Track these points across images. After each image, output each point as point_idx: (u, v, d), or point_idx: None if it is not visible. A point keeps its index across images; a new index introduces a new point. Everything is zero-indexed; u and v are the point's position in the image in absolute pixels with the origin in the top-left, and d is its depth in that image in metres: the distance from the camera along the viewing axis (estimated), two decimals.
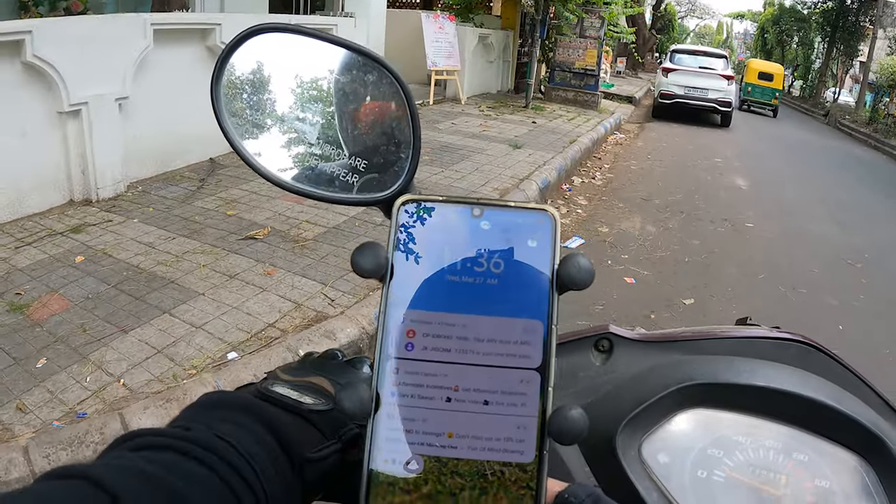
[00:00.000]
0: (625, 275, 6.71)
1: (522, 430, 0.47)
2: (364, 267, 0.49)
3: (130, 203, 6.33)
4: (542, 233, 0.50)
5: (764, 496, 0.82)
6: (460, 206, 0.51)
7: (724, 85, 20.15)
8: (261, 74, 0.73)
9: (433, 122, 11.91)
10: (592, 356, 0.93)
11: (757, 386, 0.85)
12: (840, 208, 11.36)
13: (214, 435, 0.57)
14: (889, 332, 6.30)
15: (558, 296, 0.49)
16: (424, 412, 0.48)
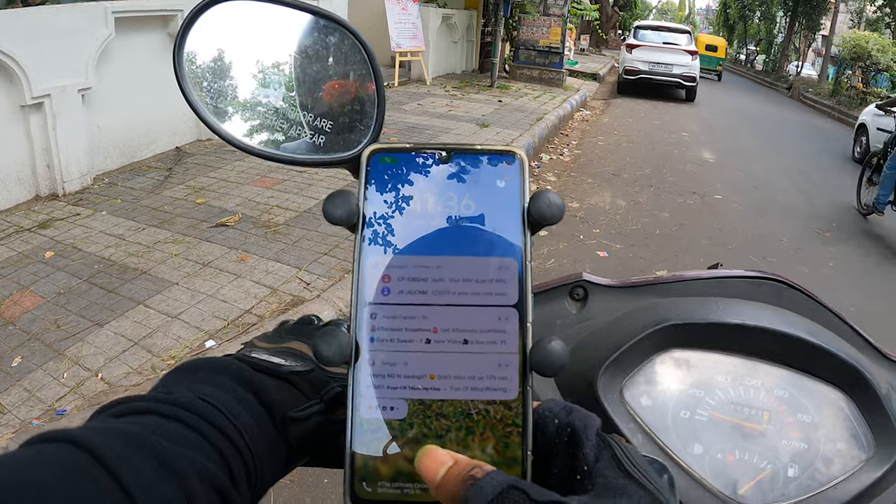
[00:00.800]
0: (597, 249, 6.76)
1: (504, 367, 0.47)
2: (335, 215, 0.49)
3: (98, 196, 6.26)
4: (511, 173, 0.50)
5: (747, 432, 0.84)
6: (427, 151, 0.51)
7: (688, 60, 20.23)
8: (223, 43, 0.73)
9: (399, 104, 11.89)
10: (568, 304, 0.94)
11: (732, 323, 0.86)
12: (806, 179, 11.49)
13: (196, 397, 0.57)
14: (860, 297, 6.39)
15: (530, 233, 0.49)
16: (404, 356, 0.48)
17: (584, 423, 0.47)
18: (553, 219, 0.48)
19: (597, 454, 0.45)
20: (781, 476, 0.82)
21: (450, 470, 0.43)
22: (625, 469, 0.44)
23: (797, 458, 0.83)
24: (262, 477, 0.59)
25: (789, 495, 0.81)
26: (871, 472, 0.82)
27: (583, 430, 0.46)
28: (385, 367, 0.48)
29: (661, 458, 0.80)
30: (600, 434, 0.47)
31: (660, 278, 0.96)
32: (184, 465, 0.50)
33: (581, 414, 0.48)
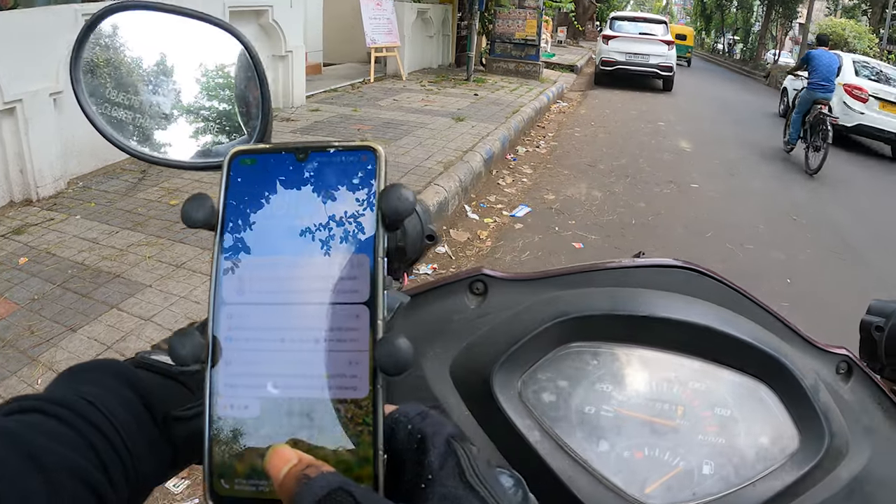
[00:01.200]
0: (573, 240, 6.77)
1: (354, 365, 0.47)
2: (194, 217, 0.50)
3: (72, 200, 6.21)
4: (367, 169, 0.50)
5: (657, 428, 0.81)
6: (286, 152, 0.52)
7: (664, 50, 20.30)
8: (118, 52, 0.75)
9: (374, 100, 11.86)
10: (467, 299, 0.91)
11: (636, 315, 0.84)
12: (783, 166, 11.52)
13: (79, 396, 0.58)
14: (836, 281, 6.45)
15: (384, 229, 0.49)
16: (258, 355, 0.49)
17: (434, 429, 0.47)
18: (404, 213, 0.48)
19: (441, 462, 0.45)
20: (695, 474, 0.79)
21: (291, 468, 0.44)
22: (466, 479, 0.44)
23: (713, 455, 0.80)
24: (141, 475, 0.59)
25: (703, 494, 0.79)
26: (796, 469, 0.79)
27: (431, 437, 0.46)
28: (240, 366, 0.49)
29: (559, 456, 0.78)
30: (450, 442, 0.46)
31: (562, 270, 0.93)
32: (53, 460, 0.51)
33: (433, 420, 0.48)
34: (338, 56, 16.00)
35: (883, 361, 1.05)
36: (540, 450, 0.78)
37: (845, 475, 0.82)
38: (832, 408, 0.83)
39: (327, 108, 10.66)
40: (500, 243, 6.52)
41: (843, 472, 0.82)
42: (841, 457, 0.82)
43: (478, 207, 7.47)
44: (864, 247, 7.67)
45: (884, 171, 13.01)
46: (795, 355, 0.85)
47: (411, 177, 7.24)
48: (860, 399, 0.89)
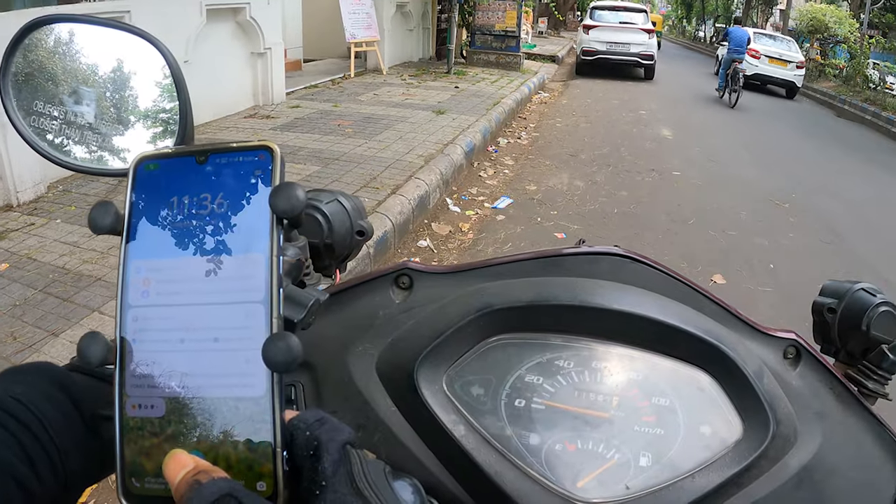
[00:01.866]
0: (555, 230, 6.78)
1: (251, 363, 0.48)
2: (100, 224, 0.51)
3: (52, 204, 6.17)
4: (263, 168, 0.51)
5: (591, 420, 0.79)
6: (186, 155, 0.53)
7: (645, 38, 20.37)
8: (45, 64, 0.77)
9: (355, 95, 11.82)
10: (393, 294, 0.90)
11: (564, 304, 0.81)
12: (764, 152, 11.63)
13: (7, 395, 0.59)
14: (819, 267, 6.48)
15: (280, 227, 0.50)
16: (161, 355, 0.50)
17: (330, 435, 0.48)
18: (292, 210, 0.49)
19: (335, 469, 0.46)
20: (631, 466, 0.76)
21: (186, 474, 0.45)
22: (356, 486, 0.45)
23: (651, 446, 0.77)
24: (70, 472, 0.60)
25: (638, 487, 0.76)
26: (739, 459, 0.76)
27: (326, 444, 0.47)
28: (145, 367, 0.50)
29: (486, 450, 0.76)
30: (346, 448, 0.47)
31: (489, 261, 0.90)
32: None
33: (330, 426, 0.49)
34: (317, 52, 15.95)
35: (837, 344, 1.04)
36: (465, 444, 0.76)
37: (794, 464, 0.80)
38: (778, 394, 0.81)
39: (307, 105, 10.63)
40: (482, 235, 6.52)
41: (791, 460, 0.80)
42: (789, 445, 0.80)
43: (459, 200, 7.47)
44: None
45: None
46: (737, 341, 0.82)
47: (392, 171, 7.23)
48: (809, 384, 0.87)
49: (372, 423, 0.82)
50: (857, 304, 1.01)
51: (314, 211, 0.91)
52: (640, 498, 0.75)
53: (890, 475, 0.85)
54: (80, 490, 0.63)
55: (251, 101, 10.21)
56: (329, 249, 0.90)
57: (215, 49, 8.93)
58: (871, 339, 0.99)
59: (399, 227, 6.08)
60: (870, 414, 0.88)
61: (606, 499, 0.75)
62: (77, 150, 0.77)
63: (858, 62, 22.40)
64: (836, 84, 22.98)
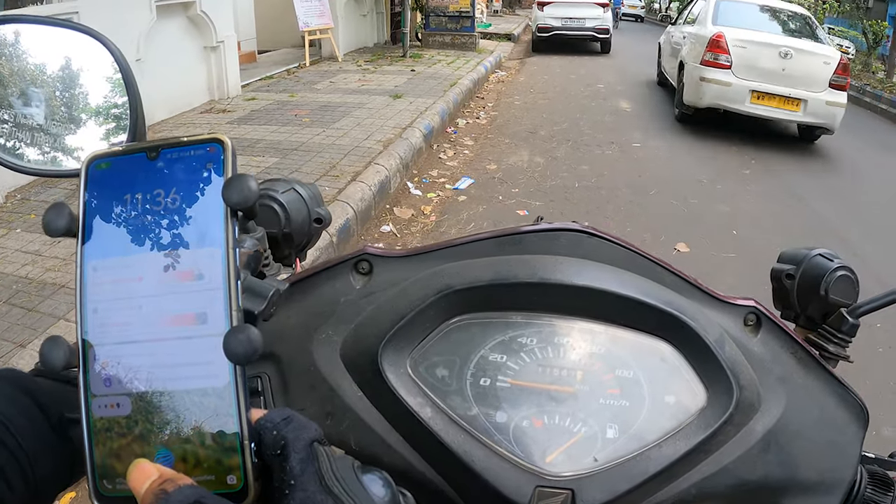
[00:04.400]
0: (517, 208, 6.81)
1: (211, 355, 0.48)
2: (54, 227, 0.51)
3: (11, 213, 6.06)
4: (215, 161, 0.50)
5: (556, 395, 0.79)
6: (137, 152, 0.52)
7: (599, 13, 20.39)
8: None
9: (310, 84, 11.76)
10: (353, 279, 0.89)
11: (522, 282, 0.81)
12: (723, 119, 11.64)
13: None
14: (782, 230, 6.57)
15: (234, 219, 0.50)
16: (124, 354, 0.49)
17: (296, 434, 0.48)
18: (245, 202, 0.48)
19: (303, 467, 0.46)
20: (599, 438, 0.77)
21: (151, 484, 0.45)
22: (325, 484, 0.45)
23: (617, 418, 0.78)
24: (40, 478, 0.59)
25: (606, 458, 0.76)
26: (704, 426, 0.78)
27: (293, 442, 0.47)
28: (109, 366, 0.49)
29: (454, 431, 0.77)
30: (313, 447, 0.47)
31: (447, 242, 0.89)
32: None
33: (297, 425, 0.49)
34: (272, 42, 15.81)
35: (796, 309, 1.06)
36: (433, 426, 0.77)
37: (759, 428, 0.81)
38: (740, 361, 0.82)
39: (263, 96, 10.56)
40: (445, 217, 6.54)
41: (756, 425, 0.81)
42: (753, 410, 0.81)
43: (420, 183, 7.47)
44: None
45: None
46: (697, 311, 0.83)
47: (351, 157, 7.20)
48: (771, 350, 0.88)
49: (339, 410, 0.81)
50: (815, 269, 1.03)
51: (270, 201, 0.90)
52: (608, 469, 0.75)
53: (854, 435, 0.87)
54: (52, 496, 0.62)
55: (206, 95, 10.10)
56: (287, 239, 0.90)
57: (167, 45, 8.79)
58: (829, 303, 1.01)
59: (361, 214, 6.07)
60: (832, 377, 0.89)
61: (576, 472, 0.75)
62: (29, 153, 0.76)
63: None
64: None
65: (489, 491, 0.75)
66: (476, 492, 0.76)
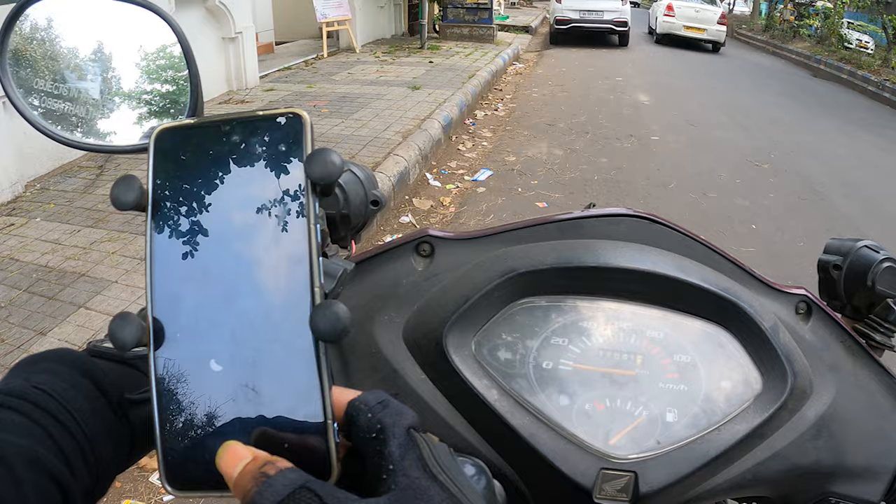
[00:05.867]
0: (536, 200, 6.79)
1: (294, 334, 0.46)
2: (123, 200, 0.49)
3: (31, 203, 6.11)
4: (294, 135, 0.49)
5: (618, 379, 0.81)
6: (210, 124, 0.50)
7: (618, 5, 20.21)
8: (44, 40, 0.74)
9: (329, 75, 11.75)
10: (414, 262, 0.90)
11: (587, 266, 0.83)
12: (742, 114, 11.67)
13: (30, 385, 0.57)
14: (801, 225, 6.52)
15: (315, 195, 0.48)
16: (199, 333, 0.48)
17: (395, 419, 0.46)
18: (331, 177, 0.47)
19: (403, 453, 0.44)
20: (659, 422, 0.79)
21: (246, 466, 0.43)
22: (429, 470, 0.44)
23: (676, 402, 0.80)
24: (101, 461, 0.58)
25: (668, 441, 0.78)
26: (761, 411, 0.79)
27: (391, 427, 0.45)
28: (182, 345, 0.48)
29: (520, 413, 0.77)
30: (411, 432, 0.46)
31: (509, 225, 0.91)
32: (9, 452, 0.50)
33: (393, 409, 0.47)
34: (289, 34, 15.81)
35: (843, 300, 1.07)
36: (499, 409, 0.78)
37: (811, 415, 0.83)
38: (793, 348, 0.83)
39: (282, 87, 10.55)
40: (464, 208, 6.52)
41: (808, 411, 0.83)
42: (805, 397, 0.83)
43: (439, 174, 7.45)
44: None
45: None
46: (753, 298, 0.85)
47: (370, 148, 7.19)
48: (821, 338, 0.90)
49: (402, 391, 0.82)
50: (862, 260, 1.04)
51: None
52: (670, 452, 0.77)
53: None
54: (111, 478, 0.61)
55: (225, 86, 10.11)
56: (345, 220, 0.89)
57: (186, 36, 8.78)
58: (876, 293, 1.02)
59: None
60: (879, 365, 0.91)
61: (639, 454, 0.77)
62: (84, 129, 0.74)
63: (833, 22, 22.31)
64: (810, 44, 22.93)
65: (554, 473, 0.76)
66: (541, 474, 0.77)
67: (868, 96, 15.84)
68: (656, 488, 0.76)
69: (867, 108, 14.24)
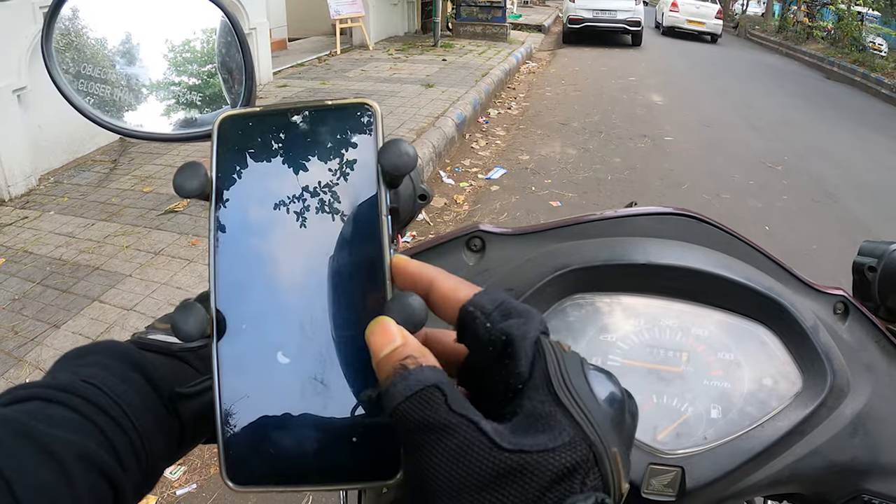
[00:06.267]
0: (550, 199, 6.79)
1: (366, 320, 0.45)
2: (186, 188, 0.48)
3: (45, 196, 6.14)
4: (364, 126, 0.49)
5: (664, 375, 0.82)
6: (278, 113, 0.50)
7: (631, 5, 20.11)
8: (92, 25, 0.72)
9: (342, 72, 11.77)
10: (465, 256, 0.90)
11: (636, 263, 0.83)
12: (755, 115, 11.63)
13: (79, 379, 0.56)
14: (814, 227, 6.49)
15: (385, 184, 0.47)
16: (264, 324, 0.47)
17: (522, 329, 0.43)
18: (405, 168, 0.46)
19: (530, 369, 0.41)
20: (704, 418, 0.80)
21: (393, 351, 0.42)
22: (554, 391, 0.40)
23: (720, 399, 0.81)
24: (151, 456, 0.57)
25: (713, 437, 0.79)
26: (801, 409, 0.80)
27: (519, 340, 0.42)
28: (246, 337, 0.47)
29: None
30: (540, 339, 0.42)
31: (560, 222, 0.92)
32: (61, 448, 0.49)
33: (519, 319, 0.44)
34: (302, 30, 15.84)
35: (877, 301, 1.07)
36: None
37: (849, 413, 0.84)
38: (832, 347, 0.84)
39: (295, 83, 10.57)
40: (478, 206, 6.52)
41: (846, 409, 0.84)
42: (843, 395, 0.84)
43: (453, 172, 7.45)
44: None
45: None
46: (794, 297, 0.86)
47: None
48: (858, 338, 0.91)
49: None
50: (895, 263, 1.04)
51: None
52: (715, 448, 0.79)
53: None
54: (160, 473, 0.60)
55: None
56: (394, 213, 0.87)
57: None
58: None
59: None
60: None
61: (687, 450, 0.79)
62: (132, 115, 0.74)
63: (846, 24, 22.18)
64: (823, 46, 22.81)
65: None
66: None
67: (882, 99, 15.75)
68: (702, 483, 0.77)
69: (881, 111, 14.16)
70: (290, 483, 0.47)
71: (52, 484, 0.47)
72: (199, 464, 3.14)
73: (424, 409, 0.39)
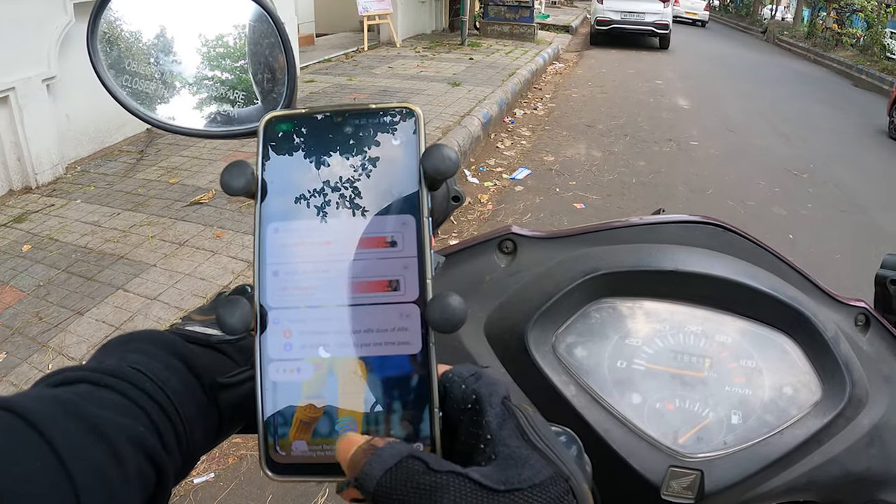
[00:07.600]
0: (574, 201, 6.77)
1: (405, 322, 0.47)
2: (233, 186, 0.50)
3: (71, 184, 6.18)
4: (407, 130, 0.50)
5: (687, 380, 0.83)
6: (323, 115, 0.51)
7: (660, 7, 20.05)
8: (136, 24, 0.73)
9: (369, 68, 11.80)
10: (497, 258, 0.92)
11: (665, 270, 0.85)
12: (782, 122, 11.56)
13: (126, 365, 0.57)
14: (839, 237, 6.44)
15: (427, 188, 0.49)
16: (307, 318, 0.49)
17: (490, 390, 0.47)
18: (448, 172, 0.48)
19: (500, 423, 0.45)
20: (724, 423, 0.81)
21: (359, 446, 0.44)
22: (528, 439, 0.44)
23: (741, 405, 0.82)
24: (192, 443, 0.59)
25: (733, 443, 0.81)
26: (820, 418, 0.81)
27: (487, 398, 0.46)
28: (289, 330, 0.49)
29: (595, 410, 0.80)
30: (506, 403, 0.47)
31: (590, 227, 0.93)
32: (112, 429, 0.50)
33: (488, 381, 0.48)
34: (330, 26, 15.90)
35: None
36: (576, 404, 0.80)
37: (866, 423, 0.85)
38: (852, 358, 0.85)
39: (322, 79, 10.61)
40: (501, 206, 6.51)
41: (864, 420, 0.85)
42: (861, 405, 0.85)
43: (477, 171, 7.45)
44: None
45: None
46: (816, 308, 0.86)
47: None
48: (878, 350, 0.92)
49: None
50: None
51: None
52: (735, 453, 0.80)
53: None
54: (197, 459, 0.62)
55: None
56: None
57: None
58: None
59: None
60: None
61: (707, 454, 0.80)
62: (174, 111, 0.74)
63: (876, 31, 22.00)
64: (853, 54, 22.62)
65: (624, 469, 0.79)
66: (611, 470, 0.79)
67: None
68: (721, 487, 0.79)
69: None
70: (326, 473, 0.48)
71: (104, 464, 0.48)
72: (217, 453, 3.16)
73: (408, 479, 0.41)
